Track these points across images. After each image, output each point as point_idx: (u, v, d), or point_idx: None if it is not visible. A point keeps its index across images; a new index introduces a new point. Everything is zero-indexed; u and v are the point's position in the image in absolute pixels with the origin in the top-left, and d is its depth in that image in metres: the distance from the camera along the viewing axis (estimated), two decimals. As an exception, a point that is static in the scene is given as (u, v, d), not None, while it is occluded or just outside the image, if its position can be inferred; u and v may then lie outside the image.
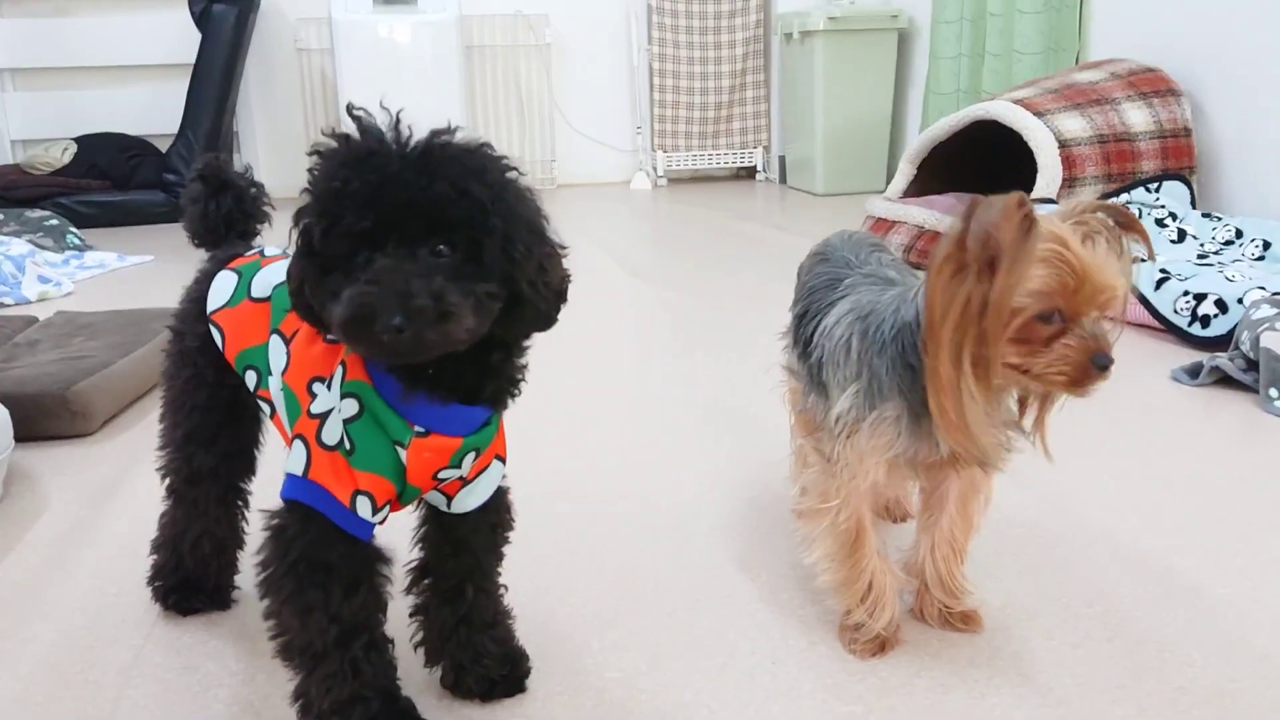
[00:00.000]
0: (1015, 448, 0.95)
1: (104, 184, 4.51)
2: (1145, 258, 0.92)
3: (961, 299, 0.84)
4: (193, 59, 4.50)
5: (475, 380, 0.83)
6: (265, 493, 1.12)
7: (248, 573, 1.17)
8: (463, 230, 0.74)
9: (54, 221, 3.71)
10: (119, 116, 4.81)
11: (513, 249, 0.76)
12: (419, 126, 0.77)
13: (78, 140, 4.64)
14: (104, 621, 1.14)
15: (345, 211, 0.73)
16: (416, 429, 0.83)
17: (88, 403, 1.73)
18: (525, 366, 0.88)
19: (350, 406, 0.84)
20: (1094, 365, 0.85)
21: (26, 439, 1.66)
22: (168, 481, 1.09)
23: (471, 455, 0.88)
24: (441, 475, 0.87)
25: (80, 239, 3.71)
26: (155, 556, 1.15)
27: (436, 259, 0.74)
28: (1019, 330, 0.85)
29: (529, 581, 1.18)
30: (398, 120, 0.76)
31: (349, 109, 0.78)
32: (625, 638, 1.08)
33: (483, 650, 0.96)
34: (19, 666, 1.06)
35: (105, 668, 1.05)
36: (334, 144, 0.76)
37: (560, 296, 0.83)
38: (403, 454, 0.84)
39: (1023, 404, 0.94)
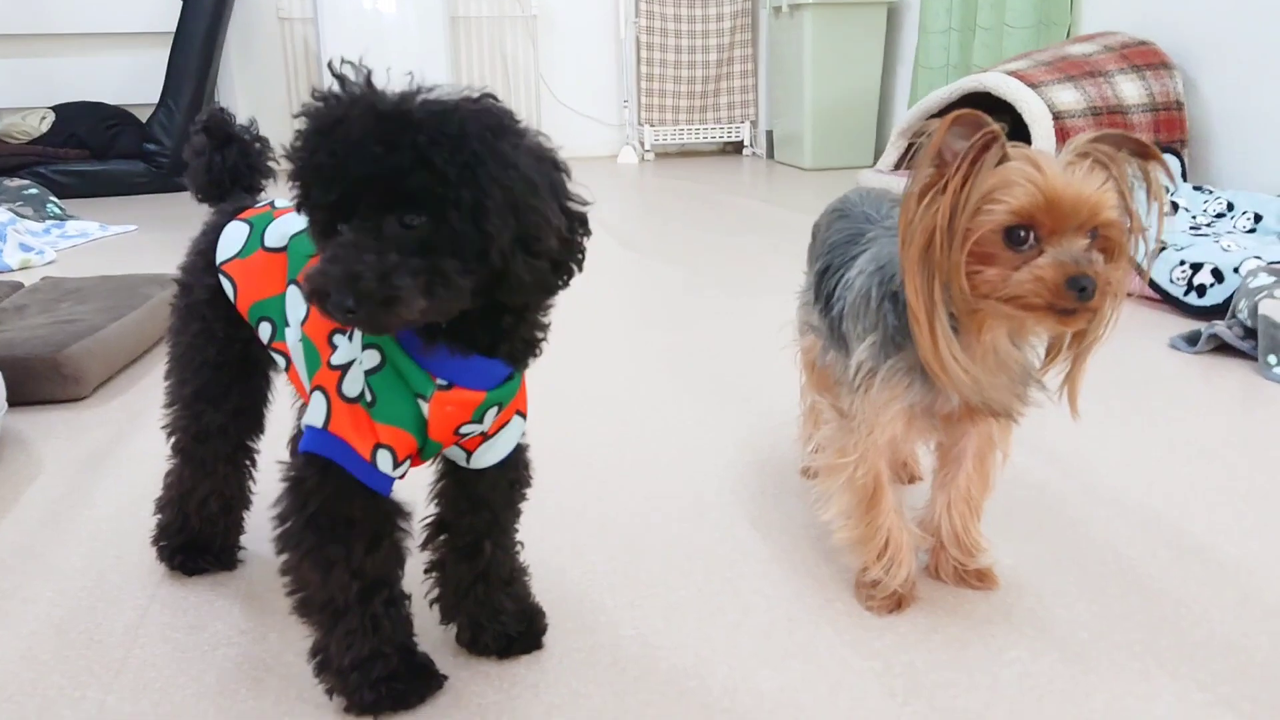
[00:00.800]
0: (1032, 401, 0.95)
1: (83, 153, 4.43)
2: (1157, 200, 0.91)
3: (926, 221, 0.84)
4: (174, 27, 4.42)
5: (489, 341, 0.82)
6: (273, 450, 1.11)
7: (252, 533, 1.16)
8: (426, 202, 0.70)
9: (33, 191, 3.65)
10: (98, 85, 4.73)
11: (484, 221, 0.71)
12: (400, 86, 0.73)
13: (55, 109, 4.55)
14: (106, 582, 1.12)
15: (313, 185, 0.72)
16: (439, 381, 0.82)
17: (79, 366, 1.70)
18: (546, 327, 0.86)
19: (371, 358, 0.82)
20: (1069, 288, 0.81)
21: (17, 403, 1.63)
22: (174, 440, 1.07)
23: (494, 410, 0.86)
24: (463, 430, 0.86)
25: (61, 208, 3.65)
26: (160, 516, 1.13)
27: (408, 230, 0.71)
28: (988, 252, 0.84)
29: (537, 542, 1.17)
30: (369, 81, 0.72)
31: (330, 67, 0.74)
32: (638, 597, 1.07)
33: (500, 607, 0.95)
34: (22, 626, 1.04)
35: (110, 627, 1.03)
36: (317, 105, 0.73)
37: (561, 266, 0.79)
38: (424, 407, 0.82)
39: (1051, 354, 0.93)
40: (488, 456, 0.91)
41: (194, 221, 1.08)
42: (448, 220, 0.71)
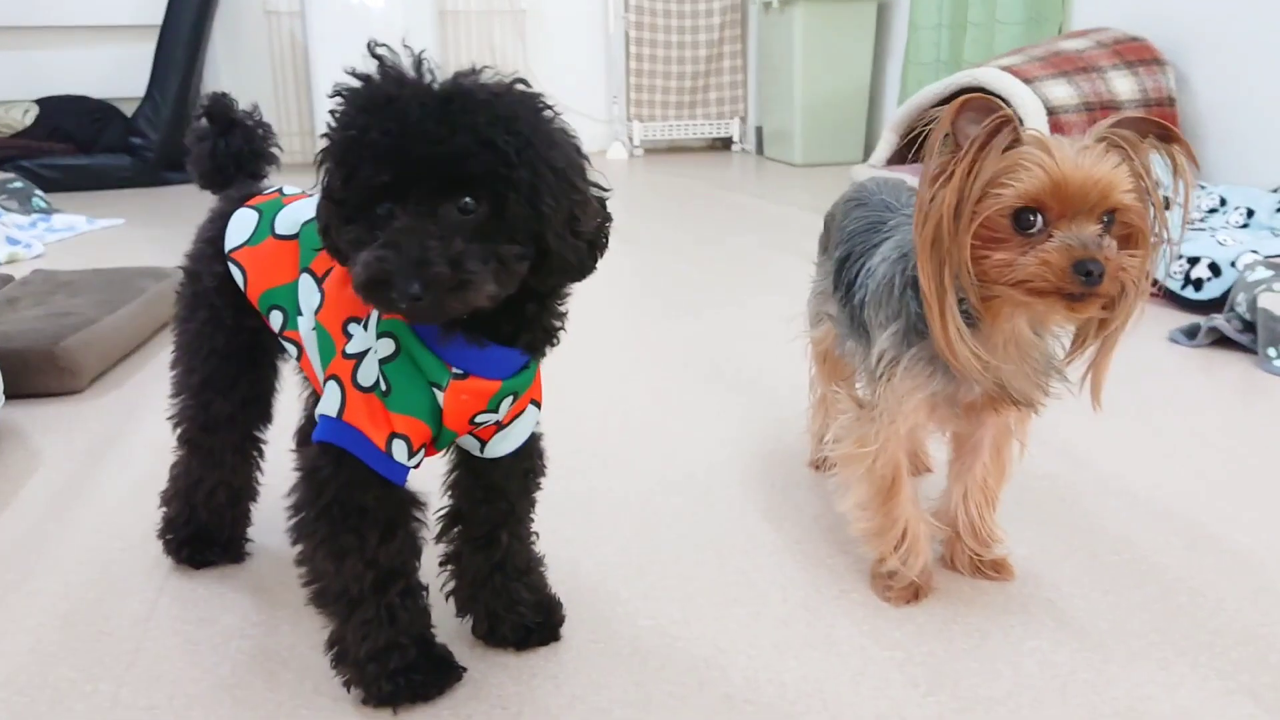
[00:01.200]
0: (1053, 391, 0.94)
1: (68, 147, 4.38)
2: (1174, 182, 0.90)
3: (937, 202, 0.84)
4: (159, 20, 4.38)
5: (510, 330, 0.81)
6: (280, 440, 1.10)
7: (259, 525, 1.14)
8: (487, 184, 0.70)
9: (18, 184, 3.60)
10: (83, 78, 4.66)
11: (539, 202, 0.72)
12: (444, 68, 0.73)
13: (39, 102, 4.50)
14: (112, 575, 1.11)
15: (363, 163, 0.70)
16: (454, 371, 0.81)
17: (76, 359, 1.68)
18: (564, 315, 0.85)
19: (386, 346, 0.81)
20: (1075, 272, 0.80)
21: (13, 396, 1.61)
22: (181, 430, 1.05)
23: (509, 399, 0.85)
24: (478, 419, 0.85)
25: (46, 202, 3.60)
26: (166, 509, 1.12)
27: (462, 215, 0.70)
28: (997, 237, 0.83)
29: (549, 534, 1.15)
30: (420, 61, 0.72)
31: (369, 47, 0.73)
32: (653, 587, 1.06)
33: (517, 598, 0.94)
34: (28, 619, 1.02)
35: (119, 620, 1.02)
36: (356, 84, 0.72)
37: (595, 246, 0.80)
38: (440, 396, 0.81)
39: (1077, 343, 0.92)
40: (502, 445, 0.90)
41: (181, 215, 1.07)
42: (506, 203, 0.71)
